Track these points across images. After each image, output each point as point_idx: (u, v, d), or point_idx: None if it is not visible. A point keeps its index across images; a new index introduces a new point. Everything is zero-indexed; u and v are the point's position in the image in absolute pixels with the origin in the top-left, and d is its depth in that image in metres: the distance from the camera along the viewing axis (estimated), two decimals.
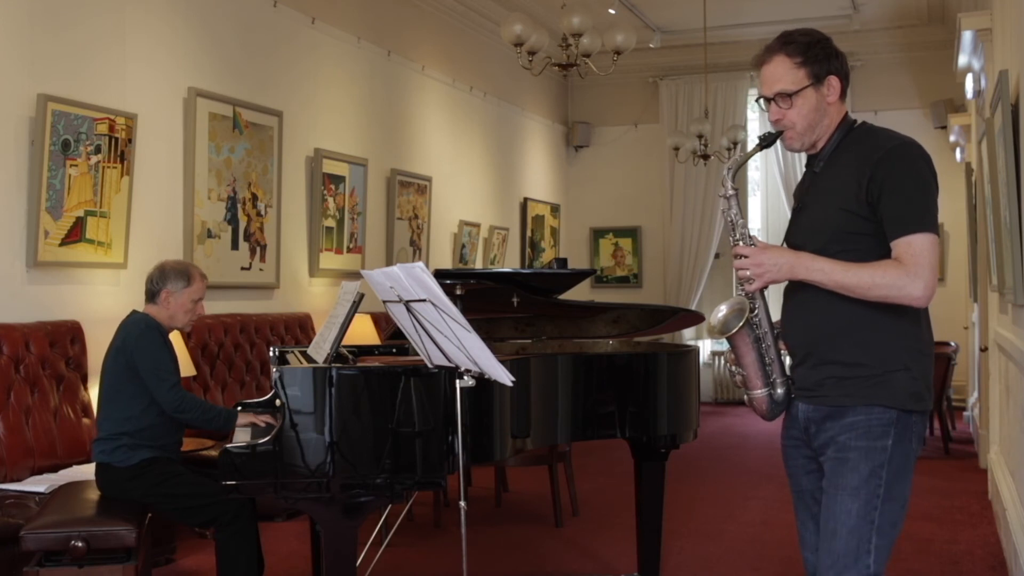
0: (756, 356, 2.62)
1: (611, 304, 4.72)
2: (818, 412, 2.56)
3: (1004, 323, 5.57)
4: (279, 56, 6.92)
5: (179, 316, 4.05)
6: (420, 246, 8.62)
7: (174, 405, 3.85)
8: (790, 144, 2.65)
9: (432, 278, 3.01)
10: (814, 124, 2.60)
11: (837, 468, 2.51)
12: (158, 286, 4.02)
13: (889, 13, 10.35)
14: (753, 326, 2.61)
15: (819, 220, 2.57)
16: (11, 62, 4.88)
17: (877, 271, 2.42)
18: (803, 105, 2.58)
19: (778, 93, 2.59)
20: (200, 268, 4.18)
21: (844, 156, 2.57)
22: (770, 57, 2.61)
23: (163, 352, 3.92)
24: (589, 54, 6.46)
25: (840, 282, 2.45)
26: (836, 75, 2.58)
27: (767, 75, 2.61)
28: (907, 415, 2.49)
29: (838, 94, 2.59)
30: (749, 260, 2.55)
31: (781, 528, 5.69)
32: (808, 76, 2.56)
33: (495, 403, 3.57)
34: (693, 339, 11.31)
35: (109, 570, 3.63)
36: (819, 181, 2.62)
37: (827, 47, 2.59)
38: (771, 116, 2.64)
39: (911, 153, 2.48)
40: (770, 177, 11.35)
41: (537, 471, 6.45)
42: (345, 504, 3.38)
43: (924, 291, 2.40)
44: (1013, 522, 4.69)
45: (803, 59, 2.56)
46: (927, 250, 2.41)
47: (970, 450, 8.02)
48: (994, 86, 4.81)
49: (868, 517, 2.46)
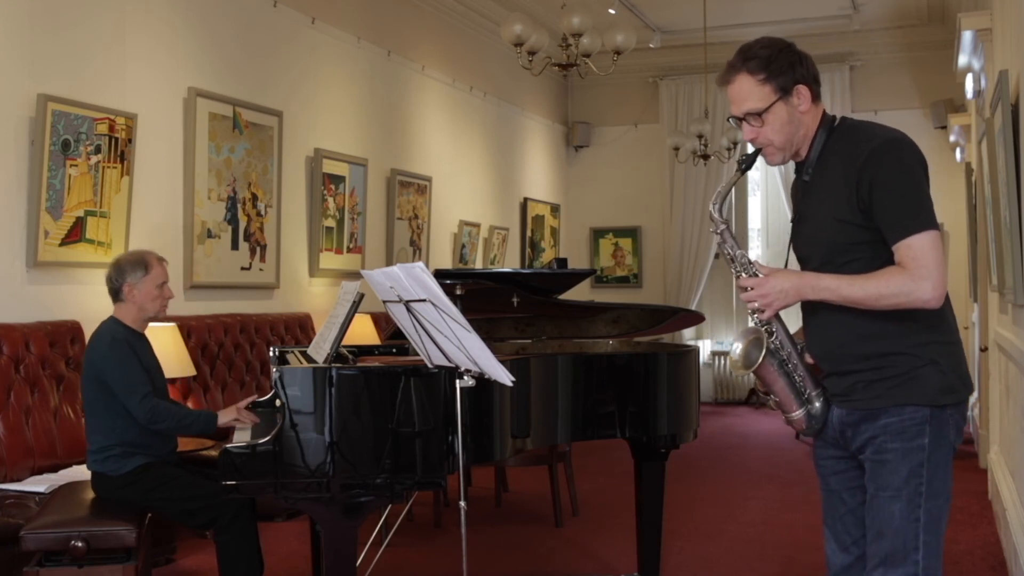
0: (785, 380, 2.59)
1: (611, 304, 4.72)
2: (852, 416, 2.54)
3: (1004, 323, 5.56)
4: (279, 56, 6.92)
5: (148, 305, 3.99)
6: (420, 246, 8.62)
7: (147, 417, 3.80)
8: (771, 160, 2.60)
9: (432, 278, 3.01)
10: (791, 136, 2.55)
11: (877, 470, 2.49)
12: (118, 283, 3.97)
13: (889, 13, 10.35)
14: (774, 352, 2.57)
15: (817, 233, 2.54)
16: (11, 62, 4.88)
17: (882, 281, 2.39)
18: (775, 120, 2.52)
19: (747, 112, 2.54)
20: (155, 252, 4.11)
21: (830, 160, 2.53)
22: (733, 76, 2.55)
23: (129, 365, 3.85)
24: (589, 54, 6.46)
25: (848, 297, 2.43)
26: (803, 83, 2.52)
27: (733, 94, 2.55)
28: (941, 410, 2.45)
29: (809, 101, 2.53)
30: (755, 292, 2.50)
31: (781, 528, 5.69)
32: (775, 91, 2.50)
33: (495, 403, 3.57)
34: (693, 339, 11.32)
35: (109, 570, 3.62)
36: (811, 190, 2.59)
37: (789, 56, 2.52)
38: (745, 136, 2.58)
39: (895, 150, 2.43)
40: (770, 177, 11.35)
41: (537, 471, 6.45)
42: (345, 504, 3.38)
43: (934, 291, 2.37)
44: (1013, 522, 4.69)
45: (766, 74, 2.50)
46: (928, 249, 2.37)
47: (970, 450, 8.01)
48: (994, 86, 4.81)
49: (912, 516, 2.45)
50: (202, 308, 6.07)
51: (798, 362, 2.59)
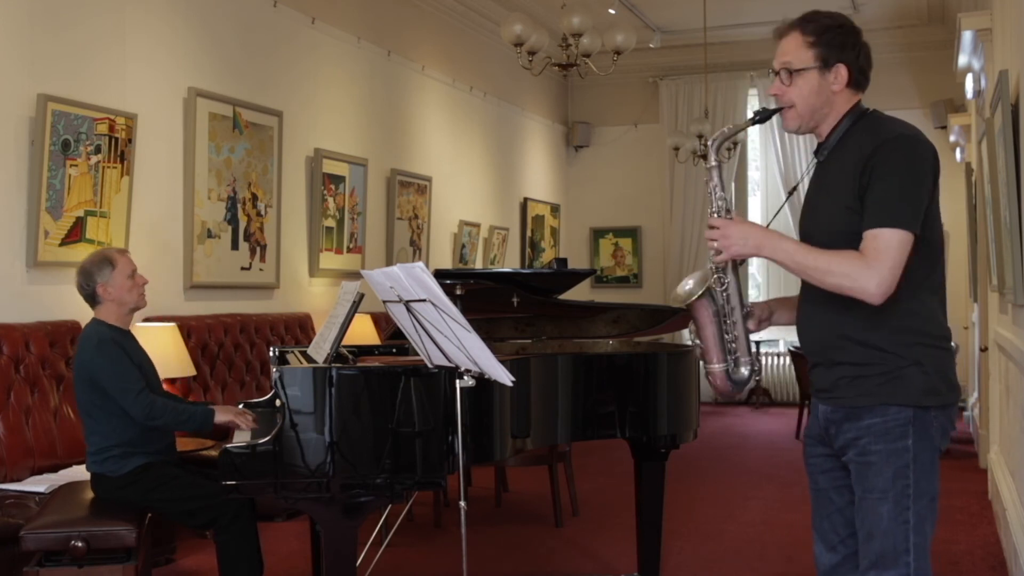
0: (715, 330, 2.62)
1: (611, 304, 4.72)
2: (836, 413, 2.54)
3: (1004, 323, 5.56)
4: (279, 56, 6.92)
5: (126, 298, 3.96)
6: (420, 246, 8.62)
7: (144, 413, 3.78)
8: (787, 123, 2.60)
9: (432, 278, 3.01)
10: (815, 108, 2.54)
11: (862, 472, 2.49)
12: (90, 287, 3.95)
13: (889, 13, 10.34)
14: (714, 298, 2.61)
15: (825, 218, 2.53)
16: (11, 62, 4.88)
17: (835, 259, 2.39)
18: (804, 85, 2.53)
19: (783, 66, 2.55)
20: (115, 247, 4.07)
21: (848, 148, 2.52)
22: (788, 31, 2.57)
23: (120, 364, 3.83)
24: (589, 54, 6.46)
25: (800, 263, 2.43)
26: (846, 64, 2.52)
27: (780, 47, 2.57)
28: (924, 411, 2.45)
29: (844, 83, 2.53)
30: (718, 231, 2.57)
31: (781, 528, 5.69)
32: (816, 58, 2.51)
33: (495, 403, 3.57)
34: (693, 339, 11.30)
35: (109, 570, 3.62)
36: (823, 173, 2.59)
37: (846, 35, 2.53)
38: (770, 90, 2.62)
39: (907, 146, 2.42)
40: (770, 177, 11.34)
41: (537, 471, 6.45)
42: (345, 504, 3.38)
43: (878, 288, 2.35)
44: (1013, 522, 4.69)
45: (815, 39, 2.51)
46: (892, 247, 2.35)
47: (970, 450, 8.01)
48: (994, 86, 4.81)
49: (901, 518, 2.45)
50: (202, 308, 6.07)
51: (738, 320, 2.62)
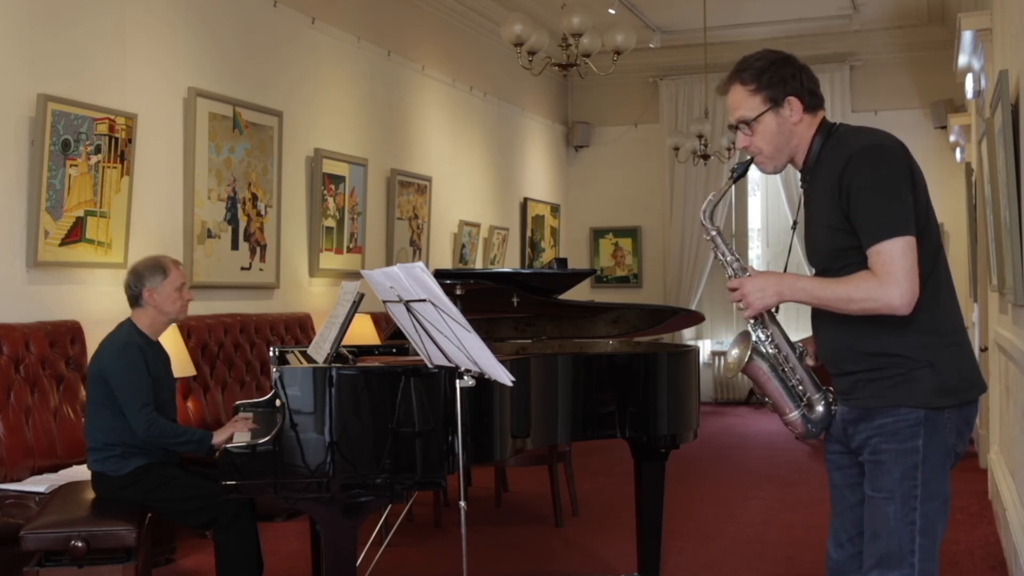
0: (778, 382, 2.62)
1: (611, 304, 4.72)
2: (852, 413, 2.57)
3: (1004, 323, 5.56)
4: (279, 56, 6.92)
5: (168, 308, 4.00)
6: (420, 246, 8.62)
7: (143, 427, 3.80)
8: (762, 168, 2.69)
9: (432, 278, 3.01)
10: (781, 146, 2.62)
11: (873, 471, 2.52)
12: (137, 288, 3.98)
13: (889, 13, 10.34)
14: (763, 355, 2.62)
15: (817, 241, 2.60)
16: (11, 62, 4.88)
17: (851, 285, 2.43)
18: (764, 130, 2.61)
19: (739, 120, 2.63)
20: (170, 256, 4.12)
21: (822, 168, 2.59)
22: (729, 86, 2.66)
23: (136, 372, 3.85)
24: (589, 54, 6.46)
25: (820, 298, 2.49)
26: (795, 95, 2.58)
27: (729, 103, 2.66)
28: (936, 412, 2.46)
29: (800, 112, 2.59)
30: (738, 292, 2.62)
31: (781, 528, 5.69)
32: (765, 101, 2.59)
33: (495, 403, 3.57)
34: (693, 339, 11.31)
35: (109, 570, 3.63)
36: (809, 197, 2.65)
37: (782, 69, 2.59)
38: (738, 143, 2.70)
39: (874, 155, 2.45)
40: (770, 177, 11.34)
41: (537, 471, 6.45)
42: (345, 504, 3.38)
43: (902, 298, 2.38)
44: (1013, 522, 4.69)
45: (756, 85, 2.59)
46: (898, 256, 2.38)
47: (970, 450, 8.02)
48: (994, 86, 4.81)
49: (907, 519, 2.46)
50: (202, 308, 6.07)
51: (796, 364, 2.63)
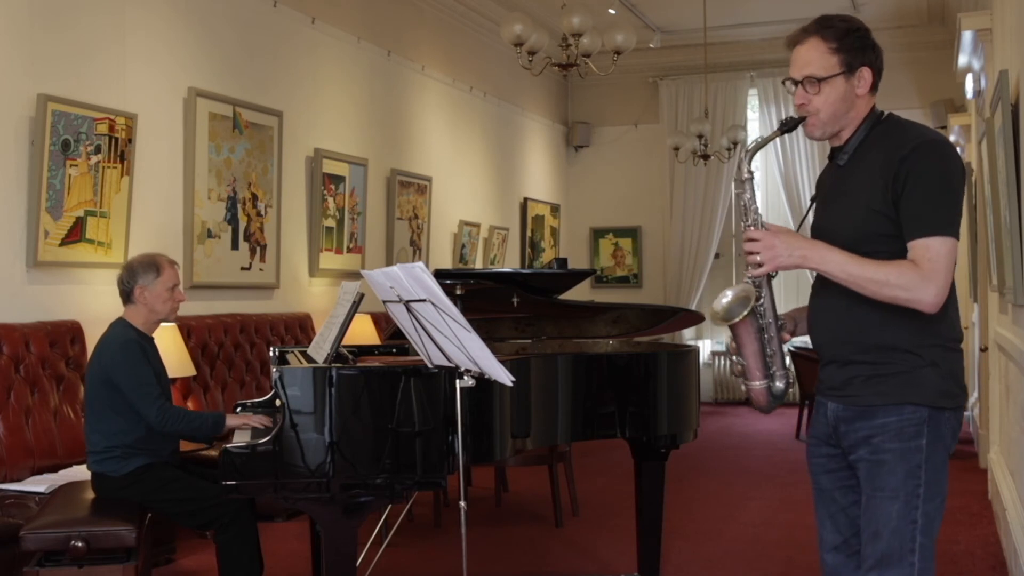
0: (758, 347, 2.56)
1: (611, 304, 4.72)
2: (848, 411, 2.51)
3: (1004, 323, 5.56)
4: (279, 56, 6.92)
5: (159, 307, 3.98)
6: (420, 246, 8.62)
7: (159, 420, 3.80)
8: (811, 131, 2.56)
9: (432, 278, 3.01)
10: (839, 114, 2.52)
11: (873, 470, 2.47)
12: (130, 285, 3.96)
13: (889, 13, 10.34)
14: (757, 315, 2.54)
15: (847, 219, 2.49)
16: (11, 62, 4.88)
17: (892, 270, 2.35)
18: (830, 93, 2.49)
19: (807, 77, 2.51)
20: (167, 255, 4.12)
21: (871, 151, 2.50)
22: (805, 38, 2.53)
23: (141, 367, 3.85)
24: (589, 54, 6.46)
25: (853, 274, 2.38)
26: (869, 67, 2.51)
27: (798, 57, 2.53)
28: (939, 412, 2.43)
29: (868, 86, 2.51)
30: (760, 243, 2.46)
31: (781, 528, 5.69)
32: (841, 64, 2.48)
33: (495, 403, 3.57)
34: (693, 339, 11.31)
35: (109, 570, 3.62)
36: (844, 176, 2.55)
37: (864, 37, 2.51)
38: (796, 100, 2.55)
39: (942, 151, 2.41)
40: (770, 177, 11.33)
41: (537, 471, 6.45)
42: (345, 504, 3.38)
43: (935, 297, 2.34)
44: (1013, 522, 4.69)
45: (838, 45, 2.48)
46: (944, 255, 2.34)
47: (970, 450, 8.01)
48: (994, 86, 4.81)
49: (910, 517, 2.43)
50: (202, 308, 6.07)
51: (775, 335, 2.57)
